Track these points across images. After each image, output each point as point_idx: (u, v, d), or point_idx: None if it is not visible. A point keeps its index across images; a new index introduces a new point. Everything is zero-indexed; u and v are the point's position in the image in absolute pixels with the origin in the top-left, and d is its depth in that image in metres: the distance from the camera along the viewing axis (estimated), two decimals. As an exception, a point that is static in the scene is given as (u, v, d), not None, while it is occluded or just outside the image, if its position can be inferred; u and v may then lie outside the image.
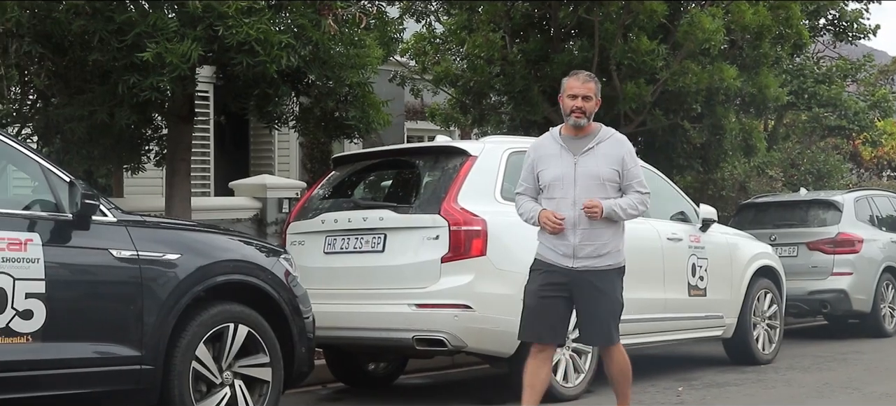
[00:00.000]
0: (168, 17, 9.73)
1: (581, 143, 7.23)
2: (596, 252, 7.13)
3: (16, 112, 11.35)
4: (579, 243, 7.12)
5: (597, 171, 7.16)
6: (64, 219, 6.62)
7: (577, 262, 7.13)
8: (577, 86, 7.25)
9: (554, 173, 7.22)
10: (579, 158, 7.19)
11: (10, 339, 6.30)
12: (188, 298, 7.04)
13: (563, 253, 7.15)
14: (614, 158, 7.22)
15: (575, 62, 14.25)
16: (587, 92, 7.23)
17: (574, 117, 7.21)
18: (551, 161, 7.27)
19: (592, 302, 7.16)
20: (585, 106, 7.21)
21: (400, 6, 15.25)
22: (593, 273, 7.14)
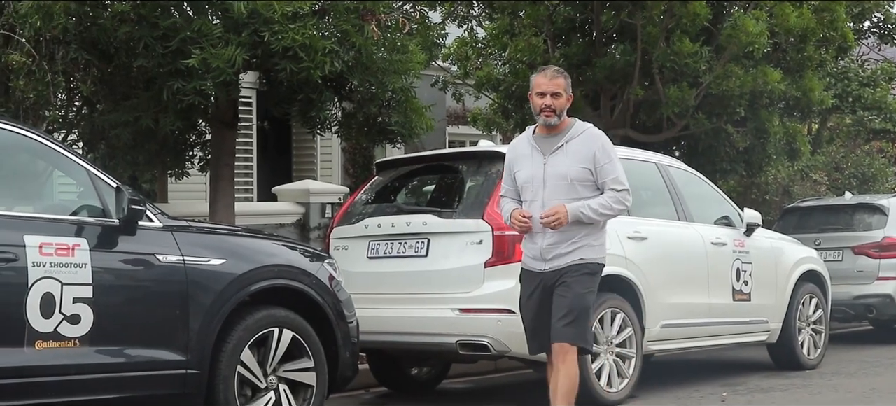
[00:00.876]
0: (213, 22, 9.79)
1: (552, 142, 6.98)
2: (566, 250, 6.90)
3: (62, 118, 11.44)
4: (547, 246, 6.93)
5: (565, 170, 6.91)
6: (111, 224, 6.67)
7: (546, 265, 6.96)
8: (545, 83, 6.97)
9: (525, 174, 7.04)
10: (549, 158, 6.97)
11: (57, 344, 6.35)
12: (233, 303, 7.07)
13: (534, 256, 7.02)
14: (584, 156, 6.92)
15: (617, 66, 14.23)
16: (556, 88, 6.93)
17: (544, 116, 6.96)
18: (524, 162, 7.08)
19: (557, 298, 6.90)
20: (555, 103, 6.92)
21: (442, 11, 15.25)
22: (561, 271, 6.91)
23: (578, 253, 6.91)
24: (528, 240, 7.03)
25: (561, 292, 6.87)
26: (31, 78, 10.30)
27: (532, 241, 7.00)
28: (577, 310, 6.85)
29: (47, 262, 6.30)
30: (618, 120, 14.87)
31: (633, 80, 14.21)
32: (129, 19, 9.94)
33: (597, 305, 9.07)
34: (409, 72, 11.17)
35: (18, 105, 10.52)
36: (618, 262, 9.38)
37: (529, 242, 7.02)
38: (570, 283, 6.87)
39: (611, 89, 14.87)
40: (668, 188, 10.58)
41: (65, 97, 11.37)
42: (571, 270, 6.90)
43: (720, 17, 14.45)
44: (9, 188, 7.11)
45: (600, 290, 9.06)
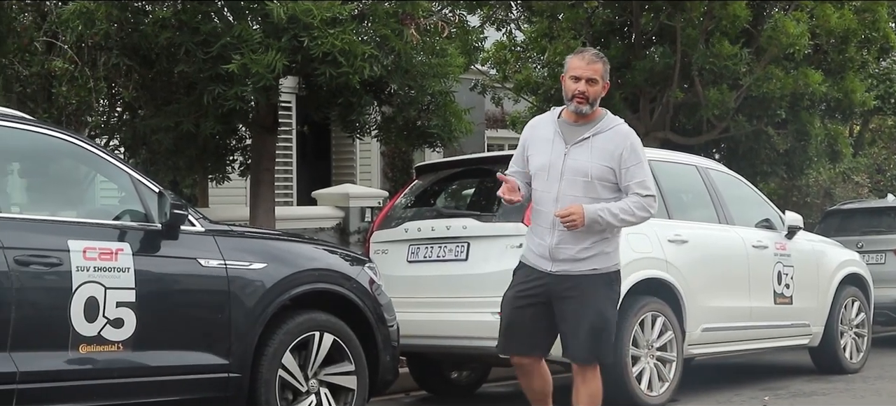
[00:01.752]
0: (253, 28, 9.85)
1: (577, 132, 6.32)
2: (577, 255, 6.27)
3: (104, 124, 11.54)
4: (557, 245, 6.28)
5: (586, 166, 6.26)
6: (153, 229, 6.71)
7: (555, 266, 6.30)
8: (582, 67, 6.29)
9: (542, 160, 6.36)
10: (571, 148, 6.30)
11: (101, 348, 6.40)
12: (274, 307, 7.10)
13: (540, 254, 6.36)
14: (609, 154, 6.28)
15: (657, 68, 14.19)
16: (593, 74, 6.27)
17: (575, 103, 6.27)
18: (543, 147, 6.38)
19: (571, 313, 6.29)
20: (589, 90, 6.25)
21: (480, 14, 15.26)
22: (573, 278, 6.28)
23: (592, 261, 6.30)
24: (534, 234, 6.41)
25: (576, 307, 6.27)
26: (74, 84, 10.40)
27: (539, 236, 6.36)
28: (600, 326, 6.30)
29: (91, 267, 6.35)
30: (657, 122, 14.83)
31: (672, 82, 14.18)
32: (170, 25, 10.02)
33: (637, 309, 9.08)
34: (449, 76, 11.18)
35: (61, 111, 10.63)
36: (658, 265, 9.36)
37: (535, 237, 6.40)
38: (589, 297, 6.27)
39: (650, 92, 14.84)
40: (708, 191, 10.54)
41: (106, 103, 11.47)
42: (585, 282, 6.28)
43: (760, 19, 14.39)
44: (53, 193, 7.19)
45: (641, 293, 9.17)
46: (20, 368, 6.11)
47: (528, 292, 6.40)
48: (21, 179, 7.24)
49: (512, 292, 6.49)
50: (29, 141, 6.72)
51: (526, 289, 6.41)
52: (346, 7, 9.70)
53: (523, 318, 6.40)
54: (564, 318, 6.32)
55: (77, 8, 9.77)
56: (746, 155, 15.48)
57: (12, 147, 6.77)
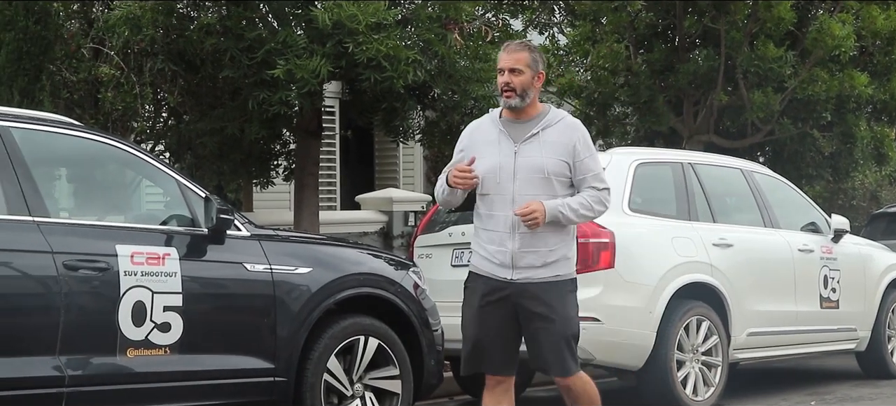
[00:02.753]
0: (297, 34, 9.90)
1: (524, 129, 5.91)
2: (540, 260, 5.85)
3: (149, 129, 11.64)
4: (519, 250, 5.84)
5: (541, 162, 5.86)
6: (200, 233, 6.76)
7: (516, 273, 5.85)
8: (504, 58, 5.91)
9: (489, 163, 5.89)
10: (521, 146, 5.89)
11: (148, 352, 6.45)
12: (320, 312, 7.12)
13: (501, 261, 5.88)
14: (563, 147, 5.89)
15: (701, 71, 14.14)
16: (515, 63, 5.85)
17: (503, 97, 5.89)
18: (487, 148, 5.94)
19: (543, 328, 5.86)
20: (514, 81, 5.83)
21: (523, 18, 15.26)
22: (537, 286, 5.86)
23: (556, 267, 5.89)
24: (490, 241, 5.92)
25: (548, 319, 5.84)
26: (120, 90, 10.51)
27: (496, 243, 5.89)
28: (569, 337, 5.90)
29: (138, 271, 6.40)
30: (701, 125, 14.78)
31: (716, 85, 14.12)
32: (215, 31, 10.10)
33: (682, 313, 9.05)
34: (492, 80, 11.18)
35: (107, 116, 10.74)
36: (703, 269, 9.32)
37: (492, 244, 5.91)
38: (555, 306, 5.85)
39: (694, 95, 14.78)
40: (753, 194, 10.49)
41: (152, 108, 11.58)
42: (550, 290, 5.86)
43: (805, 21, 14.31)
44: (100, 198, 7.25)
45: (685, 297, 9.14)
46: (69, 372, 6.17)
47: (491, 304, 5.91)
48: (69, 185, 7.32)
49: (473, 308, 5.97)
50: (77, 147, 6.80)
51: (488, 301, 5.92)
52: (391, 12, 9.73)
53: (492, 335, 5.92)
54: (535, 333, 5.89)
55: (123, 15, 9.87)
56: (791, 158, 15.38)
57: (61, 153, 6.85)
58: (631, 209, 9.16)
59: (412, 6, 10.71)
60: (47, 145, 6.66)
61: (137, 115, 11.11)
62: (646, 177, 9.53)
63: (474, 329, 5.97)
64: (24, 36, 9.59)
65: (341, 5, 9.56)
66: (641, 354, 8.90)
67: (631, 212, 9.14)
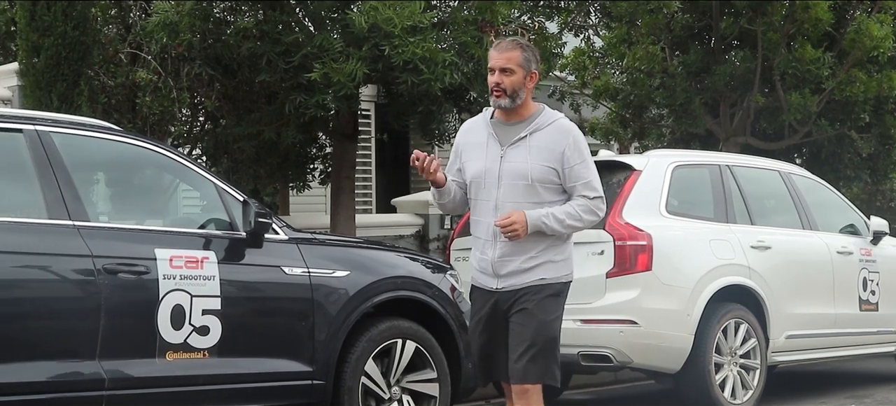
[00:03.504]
0: (334, 38, 9.92)
1: (512, 131, 5.63)
2: (521, 267, 5.61)
3: (187, 133, 11.69)
4: (499, 258, 5.61)
5: (524, 168, 5.57)
6: (238, 237, 6.78)
7: (500, 282, 5.65)
8: (495, 57, 5.61)
9: (477, 167, 5.69)
10: (507, 150, 5.62)
11: (187, 355, 6.47)
12: (357, 315, 7.13)
13: (484, 270, 5.70)
14: (550, 153, 5.57)
15: (737, 73, 14.07)
16: (506, 62, 5.56)
17: (493, 98, 5.61)
18: (476, 151, 5.72)
19: (514, 327, 5.62)
20: (505, 81, 5.55)
21: (558, 21, 15.24)
22: (518, 293, 5.61)
23: (538, 271, 5.61)
24: (477, 248, 5.75)
25: (519, 320, 5.60)
26: (157, 94, 10.56)
27: (481, 250, 5.70)
28: (541, 342, 5.57)
29: (177, 275, 6.43)
30: (738, 127, 14.72)
31: (753, 86, 14.06)
32: (252, 35, 10.13)
33: (720, 316, 9.01)
34: (529, 82, 11.16)
35: (145, 121, 10.79)
36: (741, 271, 9.28)
37: (477, 253, 5.74)
38: (531, 309, 5.58)
39: (730, 96, 14.72)
40: (791, 196, 10.43)
41: (189, 112, 11.63)
42: (530, 293, 5.60)
43: (843, 22, 14.22)
44: (139, 202, 7.29)
45: (724, 300, 9.09)
46: (108, 375, 6.20)
47: (483, 317, 5.74)
48: (109, 189, 7.37)
49: (473, 320, 5.85)
50: (117, 151, 6.84)
51: (481, 314, 5.76)
52: (427, 15, 9.74)
53: (496, 344, 5.73)
54: (511, 334, 5.65)
55: (161, 20, 9.92)
56: (829, 159, 15.30)
57: (101, 157, 6.91)
58: (668, 212, 9.14)
59: (448, 9, 10.71)
60: (87, 150, 6.70)
61: (174, 120, 11.16)
62: (683, 179, 9.49)
63: (478, 340, 5.82)
64: (62, 41, 9.66)
65: (377, 8, 9.57)
66: (679, 357, 8.87)
67: (668, 214, 9.12)
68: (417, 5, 9.69)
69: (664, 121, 15.92)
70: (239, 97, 11.16)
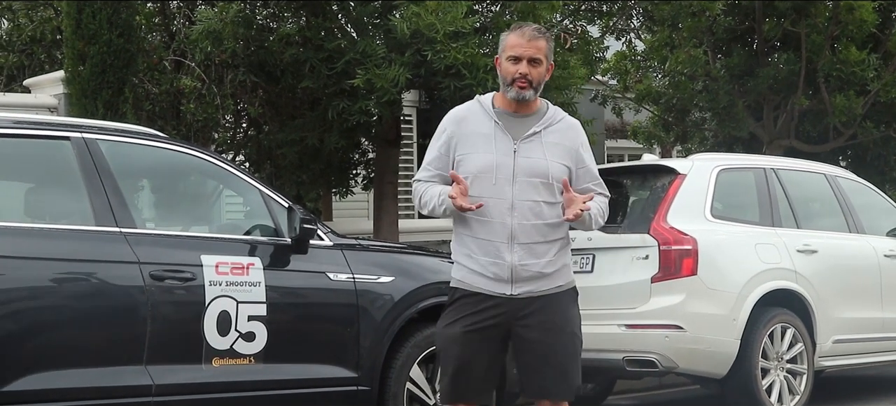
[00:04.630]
0: (376, 43, 9.93)
1: (524, 125, 5.21)
2: (540, 272, 5.17)
3: (230, 139, 11.75)
4: (519, 262, 5.13)
5: (543, 165, 5.16)
6: (283, 243, 6.79)
7: (516, 288, 5.16)
8: (523, 44, 5.16)
9: (484, 160, 5.16)
10: (521, 145, 5.18)
11: (233, 361, 6.49)
12: (402, 320, 7.13)
13: (496, 275, 5.16)
14: (565, 151, 5.23)
15: (781, 75, 13.99)
16: (536, 52, 5.16)
17: (516, 88, 5.15)
18: (480, 143, 5.20)
19: (540, 342, 5.18)
20: (532, 73, 5.16)
21: (600, 25, 15.20)
22: (539, 300, 5.18)
23: (557, 277, 5.23)
24: (483, 251, 5.18)
25: (547, 333, 5.18)
26: (201, 101, 10.63)
27: (492, 254, 5.17)
28: (571, 355, 5.24)
29: (223, 281, 6.45)
30: (782, 130, 14.63)
31: (797, 89, 13.97)
32: (295, 42, 10.17)
33: (767, 320, 8.95)
34: (571, 87, 11.15)
35: (189, 127, 10.86)
36: (787, 276, 9.21)
37: (485, 255, 5.18)
38: (558, 321, 5.19)
39: (774, 99, 14.64)
40: (837, 199, 10.34)
41: (232, 119, 11.69)
42: (554, 302, 5.21)
43: (888, 23, 14.13)
44: (185, 209, 7.33)
45: (770, 304, 9.03)
46: (156, 381, 6.23)
47: (482, 326, 5.19)
48: (155, 195, 7.40)
49: (459, 328, 5.20)
50: (163, 158, 6.88)
51: (480, 322, 5.18)
52: (469, 20, 9.74)
53: (479, 359, 5.22)
54: (530, 349, 5.21)
55: (205, 28, 9.97)
56: (874, 162, 15.18)
57: (147, 164, 6.94)
58: (713, 216, 9.08)
59: (490, 14, 10.70)
60: (133, 157, 6.74)
61: (218, 126, 11.23)
62: (728, 183, 9.43)
63: (459, 353, 5.20)
64: (107, 49, 9.74)
65: (419, 14, 9.57)
66: (725, 362, 8.81)
67: (713, 218, 9.06)
68: (459, 10, 9.68)
69: (707, 124, 15.85)
70: (282, 103, 11.20)
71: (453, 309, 5.27)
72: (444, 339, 5.28)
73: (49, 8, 13.69)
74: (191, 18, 10.95)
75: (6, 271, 5.90)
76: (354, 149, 11.98)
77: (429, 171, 5.34)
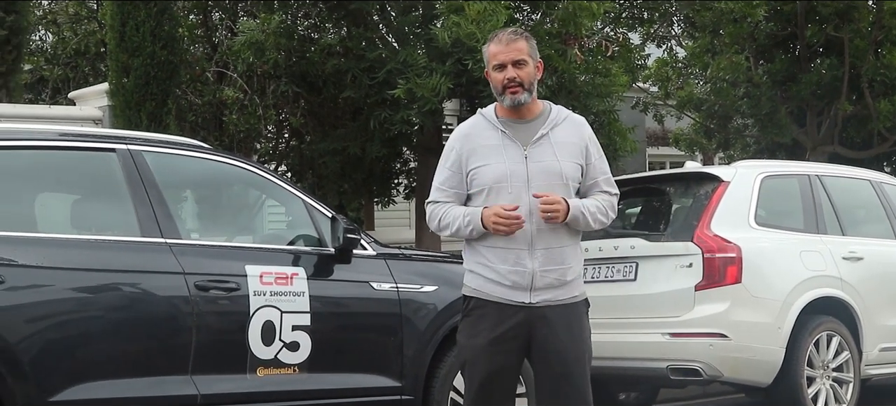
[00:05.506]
0: (418, 53, 9.95)
1: (529, 129, 5.17)
2: (559, 279, 5.12)
3: (272, 150, 11.80)
4: (540, 269, 5.08)
5: (557, 165, 5.12)
6: (327, 253, 6.81)
7: (535, 296, 5.09)
8: (502, 50, 5.13)
9: (498, 171, 5.11)
10: (530, 150, 5.13)
11: (278, 370, 6.50)
12: (445, 330, 7.11)
13: (515, 282, 5.09)
14: (574, 148, 5.19)
15: (824, 81, 13.90)
16: (517, 54, 5.11)
17: (509, 95, 5.10)
18: (490, 155, 5.14)
19: (561, 352, 5.10)
20: (521, 74, 5.09)
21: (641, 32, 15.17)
22: (557, 310, 5.11)
23: (574, 286, 5.18)
24: (501, 259, 5.12)
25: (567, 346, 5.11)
26: (244, 112, 10.68)
27: (512, 262, 5.10)
28: (587, 368, 5.20)
29: (267, 291, 6.47)
30: (825, 136, 14.54)
31: (840, 94, 13.89)
32: (336, 53, 10.22)
33: (812, 328, 8.88)
34: (612, 94, 11.13)
35: (231, 138, 10.91)
36: (833, 283, 9.13)
37: (504, 263, 5.11)
38: (576, 333, 5.14)
39: (817, 105, 14.56)
40: (883, 206, 10.24)
41: (274, 129, 11.74)
42: (571, 313, 5.16)
43: (933, 27, 14.01)
44: (229, 219, 7.36)
45: (815, 312, 8.95)
46: (201, 391, 6.25)
47: (506, 336, 5.12)
48: (199, 206, 7.44)
49: (483, 339, 5.13)
50: (207, 169, 6.91)
51: (503, 332, 5.11)
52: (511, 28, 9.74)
53: (503, 370, 5.16)
54: (549, 361, 5.13)
55: (247, 39, 10.02)
56: (920, 167, 15.07)
57: (191, 175, 6.98)
58: (757, 223, 9.01)
59: (531, 22, 10.70)
60: (178, 168, 6.78)
61: (260, 136, 11.28)
62: (772, 190, 9.37)
63: (484, 365, 5.13)
64: (151, 61, 9.81)
65: (460, 23, 9.58)
66: (770, 371, 8.74)
67: (757, 226, 9.00)
68: (500, 19, 9.68)
69: (749, 131, 15.78)
70: (324, 113, 11.25)
71: (472, 320, 5.21)
72: (468, 351, 5.21)
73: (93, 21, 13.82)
74: (233, 30, 11.01)
75: (54, 282, 5.95)
76: (396, 158, 12.01)
77: (443, 191, 5.30)
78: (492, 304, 5.13)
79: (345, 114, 11.16)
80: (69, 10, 14.30)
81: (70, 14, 14.34)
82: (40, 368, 5.82)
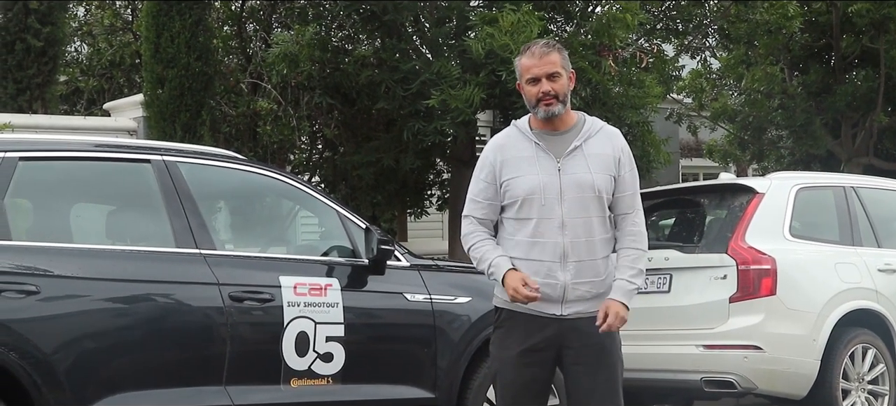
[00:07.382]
0: (451, 64, 9.96)
1: (563, 141, 5.13)
2: (592, 291, 5.10)
3: (306, 161, 11.83)
4: (572, 281, 5.06)
5: (590, 178, 5.08)
6: (360, 264, 6.81)
7: (567, 308, 5.09)
8: (535, 64, 5.09)
9: (531, 183, 5.09)
10: (564, 162, 5.10)
11: (311, 381, 6.50)
12: (479, 341, 7.08)
13: (547, 296, 5.05)
14: (607, 160, 5.14)
15: (859, 92, 13.83)
16: (551, 67, 5.08)
17: (543, 107, 5.07)
18: (525, 167, 5.12)
19: (592, 365, 5.11)
20: (555, 87, 5.07)
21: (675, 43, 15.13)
22: (589, 321, 5.07)
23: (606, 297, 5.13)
24: (533, 272, 5.08)
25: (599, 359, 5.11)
26: (278, 123, 10.72)
27: (545, 274, 5.08)
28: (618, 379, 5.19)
29: (301, 302, 6.48)
30: (860, 148, 14.46)
31: (876, 106, 13.81)
32: (370, 64, 10.25)
33: (847, 341, 8.82)
34: (646, 106, 11.11)
35: (265, 149, 10.95)
36: (868, 295, 9.06)
37: (536, 276, 5.08)
38: (608, 346, 5.12)
39: (852, 117, 14.48)
40: (920, 218, 10.17)
41: (308, 140, 11.78)
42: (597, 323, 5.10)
43: (970, 39, 13.91)
44: (263, 230, 7.38)
45: (851, 324, 8.89)
46: (235, 402, 6.25)
47: (536, 347, 5.13)
48: (233, 217, 7.47)
49: (514, 352, 5.15)
50: (242, 180, 6.93)
51: (534, 344, 5.12)
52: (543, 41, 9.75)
53: (534, 383, 5.18)
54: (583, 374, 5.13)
55: (281, 51, 10.06)
56: (958, 179, 14.93)
57: (226, 186, 7.00)
58: (792, 235, 8.97)
59: (565, 34, 10.70)
60: (212, 179, 6.80)
61: (294, 147, 11.31)
62: (807, 201, 9.32)
63: (515, 377, 5.16)
64: (185, 73, 9.87)
65: (493, 35, 9.59)
66: (805, 383, 8.69)
67: (792, 237, 8.95)
68: (533, 30, 9.69)
69: (783, 142, 15.70)
70: (357, 125, 11.28)
71: (503, 331, 5.22)
72: (499, 363, 5.23)
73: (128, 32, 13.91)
74: (267, 41, 11.06)
75: (89, 292, 5.98)
76: (429, 169, 12.02)
77: (478, 203, 5.29)
78: (522, 316, 5.13)
79: (378, 125, 11.18)
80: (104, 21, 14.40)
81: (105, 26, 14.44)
82: (75, 378, 5.84)
